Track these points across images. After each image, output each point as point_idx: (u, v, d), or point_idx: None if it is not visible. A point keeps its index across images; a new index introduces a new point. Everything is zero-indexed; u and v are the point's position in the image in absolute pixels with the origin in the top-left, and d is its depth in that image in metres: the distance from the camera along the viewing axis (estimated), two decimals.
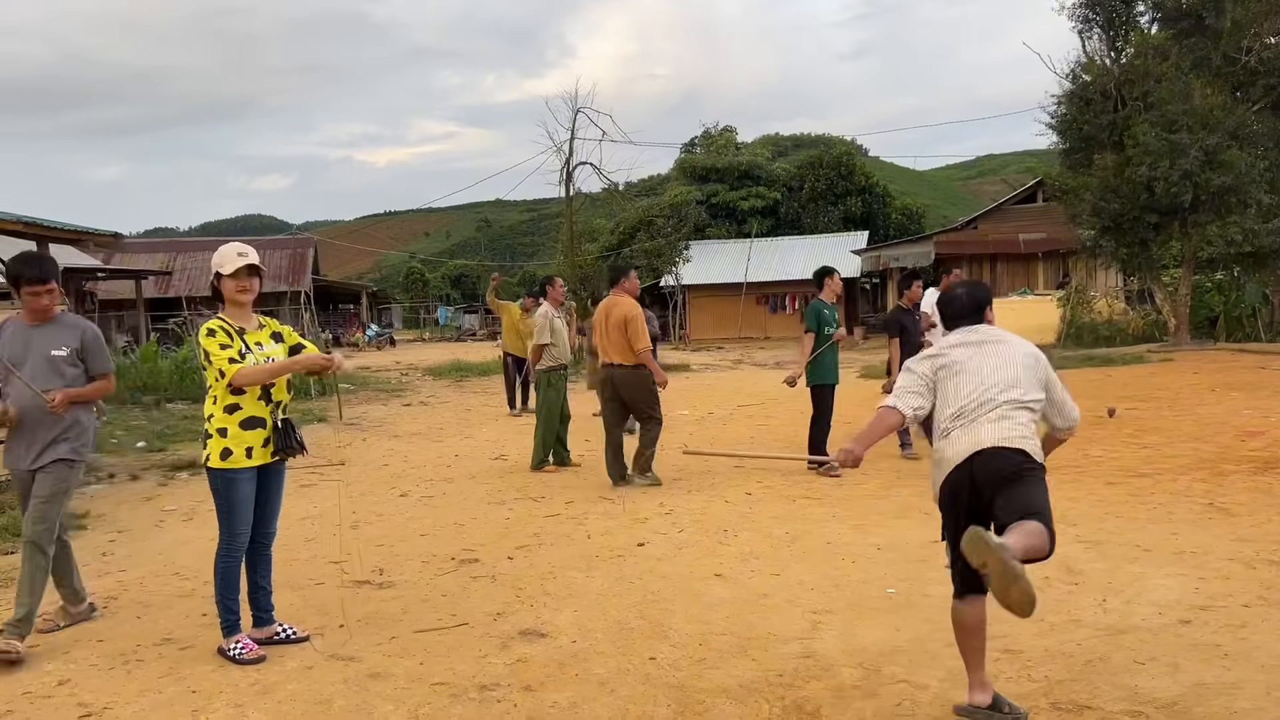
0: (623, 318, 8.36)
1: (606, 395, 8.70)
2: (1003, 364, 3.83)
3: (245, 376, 4.34)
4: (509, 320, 14.66)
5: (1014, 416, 3.71)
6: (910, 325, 9.42)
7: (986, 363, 3.85)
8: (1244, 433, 9.96)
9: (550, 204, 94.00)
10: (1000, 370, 3.81)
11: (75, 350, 4.69)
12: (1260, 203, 21.71)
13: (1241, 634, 4.35)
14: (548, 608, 5.06)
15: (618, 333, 8.38)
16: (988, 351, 3.88)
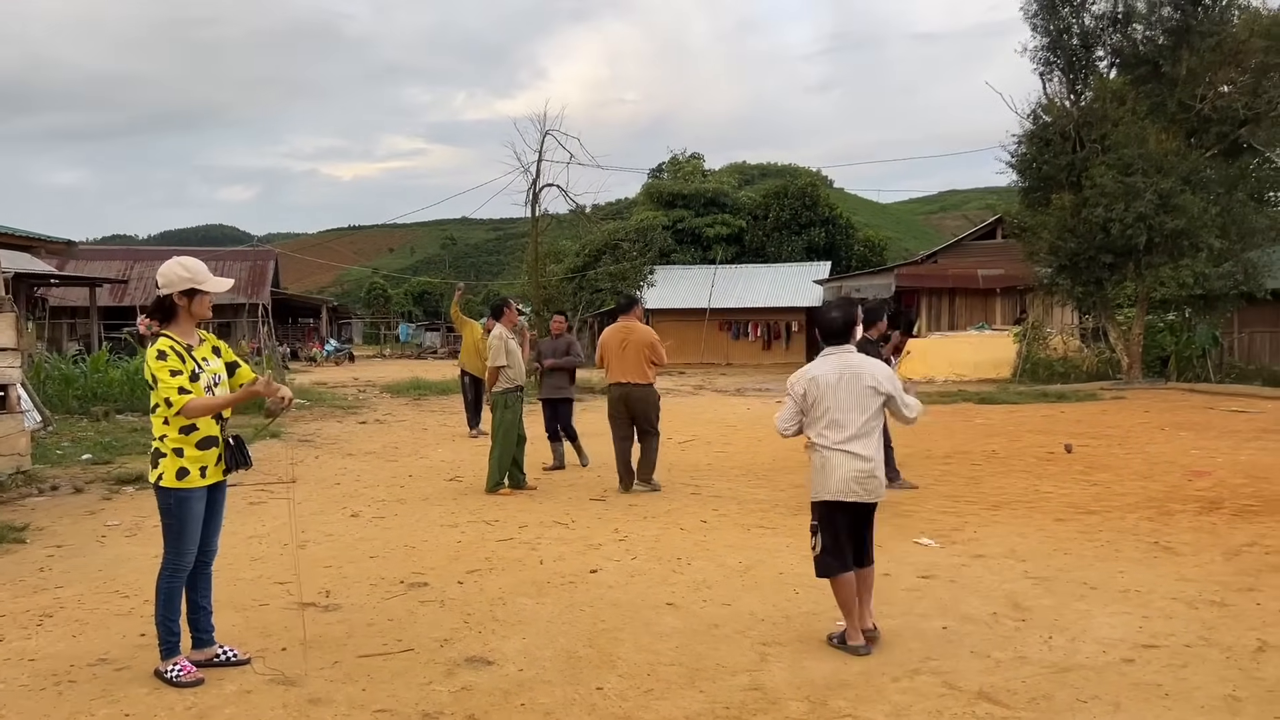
0: (648, 341, 9.41)
1: (619, 411, 9.48)
2: (857, 394, 4.90)
3: (194, 410, 4.26)
4: (470, 339, 14.57)
5: (868, 439, 4.92)
6: (876, 355, 9.48)
7: (847, 394, 4.90)
8: (1191, 473, 10.14)
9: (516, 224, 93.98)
10: (860, 403, 4.90)
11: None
12: (1211, 247, 22.23)
13: (1182, 674, 4.40)
14: (496, 635, 5.00)
15: (636, 354, 9.37)
16: (853, 385, 4.90)
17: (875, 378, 4.91)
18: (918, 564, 6.46)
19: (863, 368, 4.93)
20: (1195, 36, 23.03)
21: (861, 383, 4.88)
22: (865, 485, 4.86)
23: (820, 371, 4.93)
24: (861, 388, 4.87)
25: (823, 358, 5.01)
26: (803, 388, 4.95)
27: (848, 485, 4.83)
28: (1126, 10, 24.14)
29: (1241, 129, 23.77)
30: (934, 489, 9.40)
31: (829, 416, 4.86)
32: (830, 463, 4.84)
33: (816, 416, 4.90)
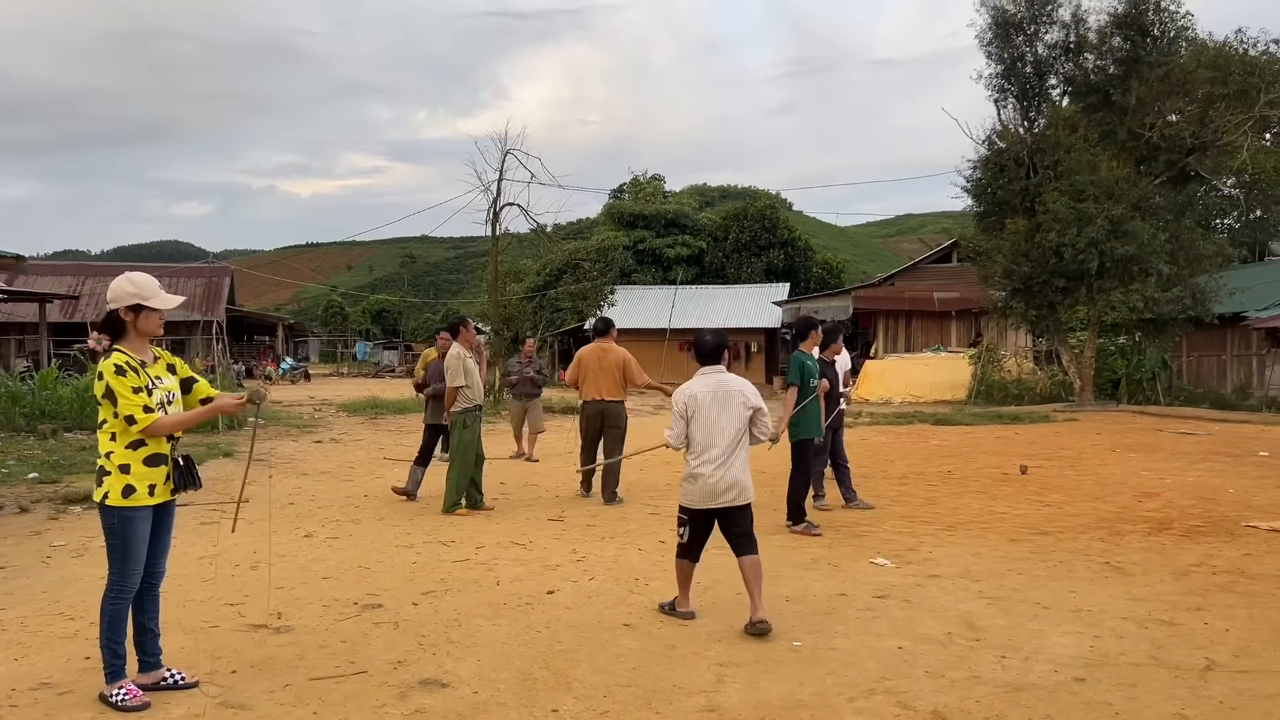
0: (622, 361, 10.09)
1: (594, 426, 10.11)
2: (729, 413, 5.59)
3: (161, 428, 4.20)
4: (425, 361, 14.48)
5: (735, 461, 5.54)
6: (831, 377, 9.53)
7: (717, 414, 5.59)
8: (1141, 494, 10.31)
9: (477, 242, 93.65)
10: (726, 420, 5.59)
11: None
12: (1161, 272, 22.72)
13: (1132, 693, 4.46)
14: (451, 656, 4.95)
15: (611, 373, 10.04)
16: (724, 402, 5.61)
17: (744, 394, 5.67)
18: (873, 584, 6.50)
19: (731, 385, 5.68)
20: (1144, 67, 23.59)
21: (732, 400, 5.63)
22: (727, 495, 5.56)
23: (698, 389, 5.67)
24: (733, 404, 5.62)
25: (699, 377, 5.77)
26: (684, 404, 5.67)
27: (712, 496, 5.56)
28: (1078, 40, 24.68)
29: (1189, 157, 24.37)
30: (890, 509, 9.47)
31: (703, 431, 5.58)
32: (699, 476, 5.57)
33: (694, 430, 5.61)
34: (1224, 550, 7.53)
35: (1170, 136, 24.00)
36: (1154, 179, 24.02)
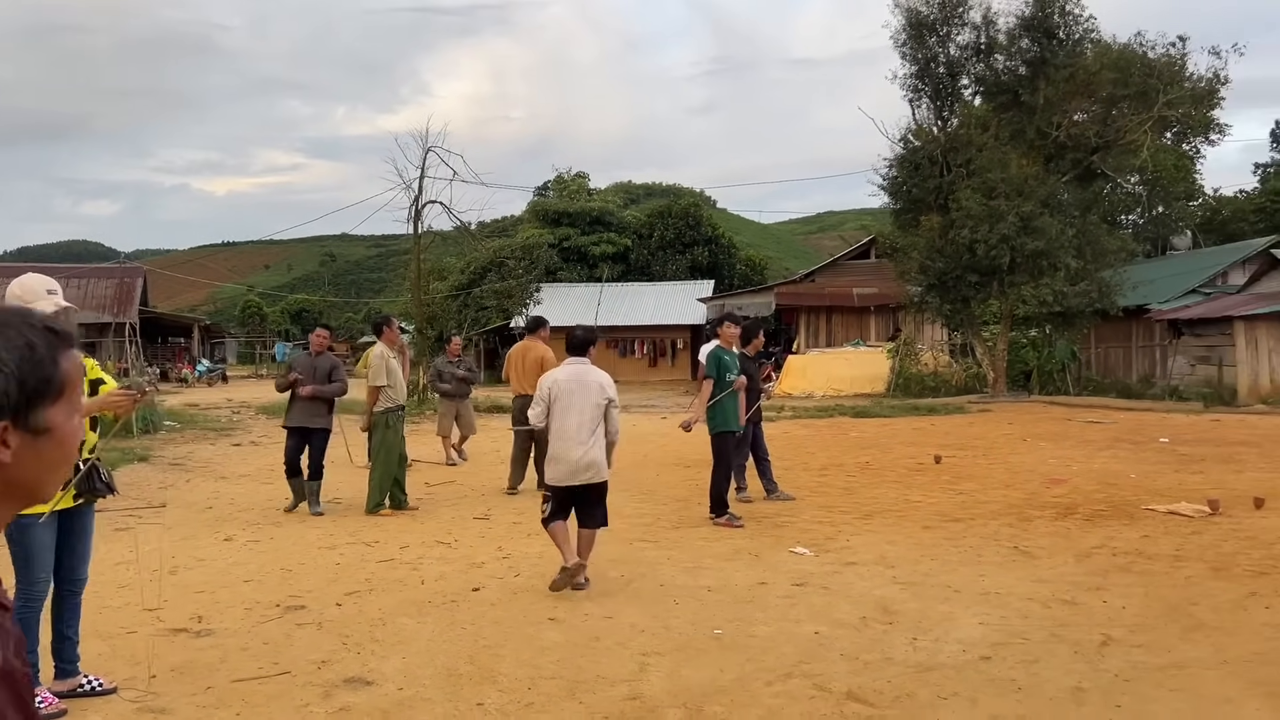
0: (540, 358, 10.31)
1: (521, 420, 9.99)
2: (585, 403, 6.21)
3: None
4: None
5: (591, 442, 6.16)
6: (753, 370, 9.74)
7: (575, 400, 6.22)
8: (1049, 481, 10.71)
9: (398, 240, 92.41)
10: (584, 408, 6.20)
11: None
12: (1069, 267, 23.55)
13: (1034, 669, 4.68)
14: (375, 655, 4.96)
15: (534, 369, 10.05)
16: (582, 391, 6.23)
17: (601, 387, 6.30)
18: (792, 572, 6.67)
19: (591, 377, 6.34)
20: (1051, 68, 24.41)
21: (590, 390, 6.27)
22: (586, 473, 6.21)
23: (562, 376, 6.38)
24: (591, 393, 6.25)
25: (565, 366, 6.48)
26: (547, 389, 6.35)
27: (572, 474, 6.20)
28: (988, 41, 25.41)
29: (1094, 155, 25.30)
30: (810, 500, 9.69)
31: (563, 415, 6.21)
32: (557, 456, 6.22)
33: (555, 414, 6.24)
34: (1124, 533, 7.89)
35: (1076, 135, 24.89)
36: (1061, 177, 24.88)
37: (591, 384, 6.29)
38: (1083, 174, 25.87)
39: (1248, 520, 8.27)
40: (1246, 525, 8.06)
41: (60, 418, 1.22)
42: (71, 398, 1.24)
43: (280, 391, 9.96)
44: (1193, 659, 4.80)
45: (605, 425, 6.30)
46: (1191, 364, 24.46)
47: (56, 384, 1.21)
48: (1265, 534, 7.69)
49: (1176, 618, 5.50)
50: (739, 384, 8.96)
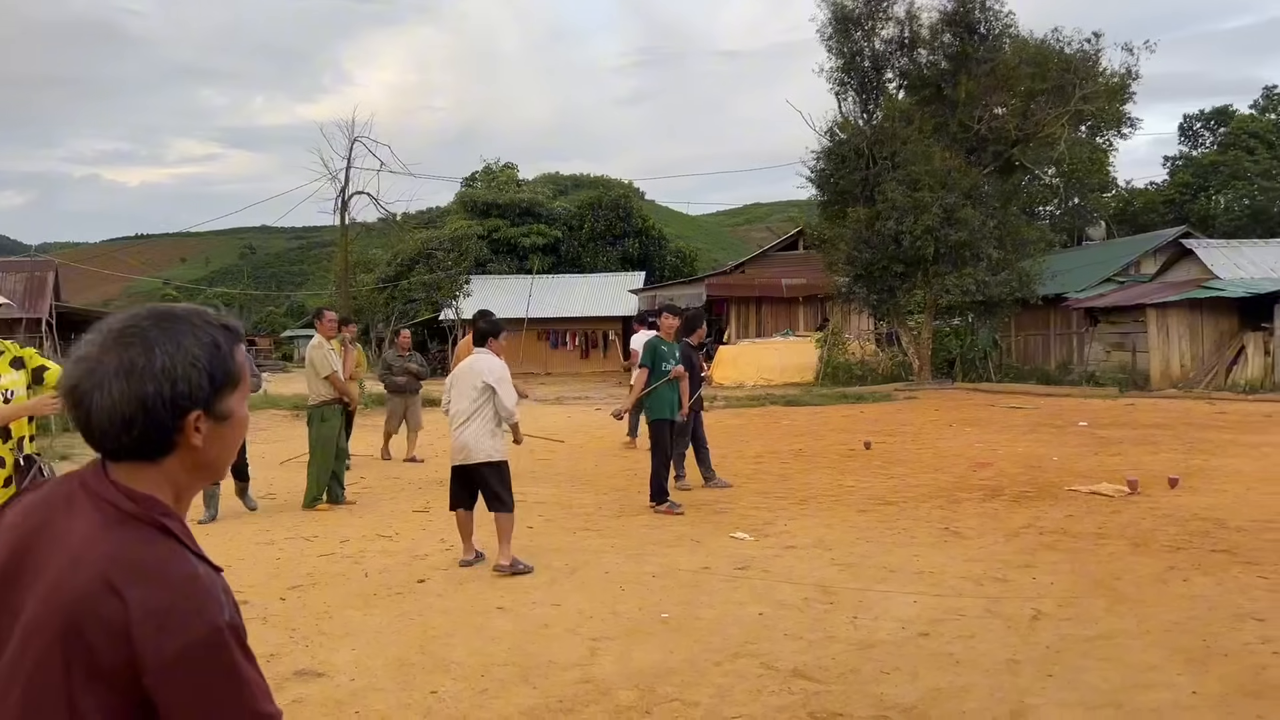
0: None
1: None
2: (466, 388, 6.67)
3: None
4: None
5: (467, 425, 6.59)
6: (695, 360, 9.88)
7: (460, 386, 6.73)
8: (976, 464, 11.05)
9: (321, 232, 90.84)
10: (464, 393, 6.67)
11: None
12: (990, 257, 24.19)
13: (971, 643, 4.87)
14: (324, 648, 4.95)
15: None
16: (466, 377, 6.71)
17: (483, 375, 6.62)
18: (734, 557, 6.80)
19: (477, 364, 6.71)
20: (972, 62, 25.02)
21: (475, 377, 6.65)
22: (459, 455, 6.68)
23: (459, 367, 6.93)
24: (473, 380, 6.65)
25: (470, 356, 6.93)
26: (449, 379, 6.98)
27: (455, 454, 6.71)
28: (912, 36, 25.94)
29: (1013, 148, 26.01)
30: (747, 487, 9.85)
31: (454, 401, 6.73)
32: (452, 439, 6.75)
33: (450, 400, 6.81)
34: (1049, 512, 8.20)
35: (996, 129, 25.57)
36: (983, 169, 25.52)
37: (475, 370, 6.68)
38: (1003, 166, 26.58)
39: (1164, 499, 8.65)
40: (1163, 504, 8.42)
41: (237, 404, 1.40)
42: (243, 387, 1.42)
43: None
44: (1118, 630, 5.04)
45: (496, 409, 6.62)
46: (1107, 350, 25.34)
47: (235, 375, 1.39)
48: (1180, 511, 8.05)
49: (1101, 592, 5.76)
50: (675, 373, 9.09)
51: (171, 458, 1.36)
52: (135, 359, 1.31)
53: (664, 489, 8.73)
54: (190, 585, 1.27)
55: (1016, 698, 4.14)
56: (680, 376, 9.17)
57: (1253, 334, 22.23)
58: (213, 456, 1.40)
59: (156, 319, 1.36)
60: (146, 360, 1.31)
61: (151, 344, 1.33)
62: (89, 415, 1.32)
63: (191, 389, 1.33)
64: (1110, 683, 4.30)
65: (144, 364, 1.31)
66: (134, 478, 1.34)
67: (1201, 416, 16.11)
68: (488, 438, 6.62)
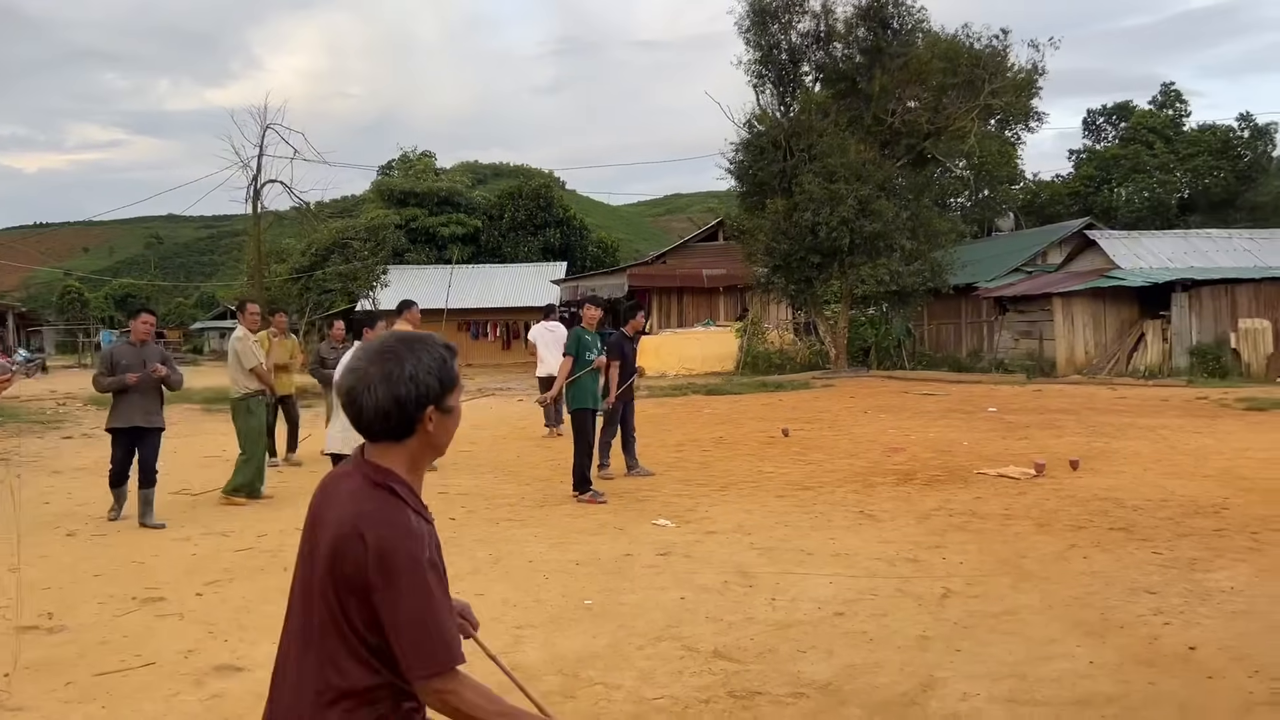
0: None
1: None
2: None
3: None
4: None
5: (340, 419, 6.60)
6: (628, 349, 9.94)
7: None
8: (889, 449, 11.35)
9: (232, 221, 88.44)
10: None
11: None
12: (904, 247, 24.77)
13: (883, 621, 5.04)
14: (244, 642, 4.90)
15: None
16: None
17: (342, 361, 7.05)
18: (656, 543, 6.90)
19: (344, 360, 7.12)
20: (886, 57, 25.53)
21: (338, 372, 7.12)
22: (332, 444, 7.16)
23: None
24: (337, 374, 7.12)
25: None
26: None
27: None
28: (828, 30, 26.35)
29: (926, 141, 26.63)
30: (669, 475, 9.98)
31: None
32: None
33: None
34: (959, 495, 8.49)
35: (909, 122, 26.15)
36: (896, 162, 26.09)
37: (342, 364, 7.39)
38: (915, 159, 27.20)
39: (1066, 480, 9.02)
40: (1066, 485, 8.79)
41: (456, 401, 2.01)
42: (459, 389, 2.01)
43: (105, 391, 8.26)
44: (1022, 605, 5.27)
45: None
46: (1015, 338, 26.16)
47: (456, 380, 2.00)
48: (1081, 492, 8.41)
49: (1007, 570, 6.00)
50: (598, 363, 9.19)
51: (412, 439, 1.96)
52: (392, 369, 1.91)
53: (586, 478, 8.80)
54: (404, 530, 1.86)
55: (926, 672, 4.31)
56: (602, 367, 9.28)
57: (1152, 322, 23.20)
58: (439, 438, 2.00)
59: (404, 341, 1.97)
60: (399, 371, 1.91)
61: (402, 359, 1.93)
62: (360, 411, 1.93)
63: (429, 390, 1.93)
64: (1014, 655, 4.51)
65: (398, 373, 1.91)
66: (384, 454, 1.96)
67: (1103, 401, 16.78)
68: (340, 429, 6.94)
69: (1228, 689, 4.04)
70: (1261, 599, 5.24)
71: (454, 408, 2.00)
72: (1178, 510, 7.59)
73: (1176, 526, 7.04)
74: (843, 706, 3.98)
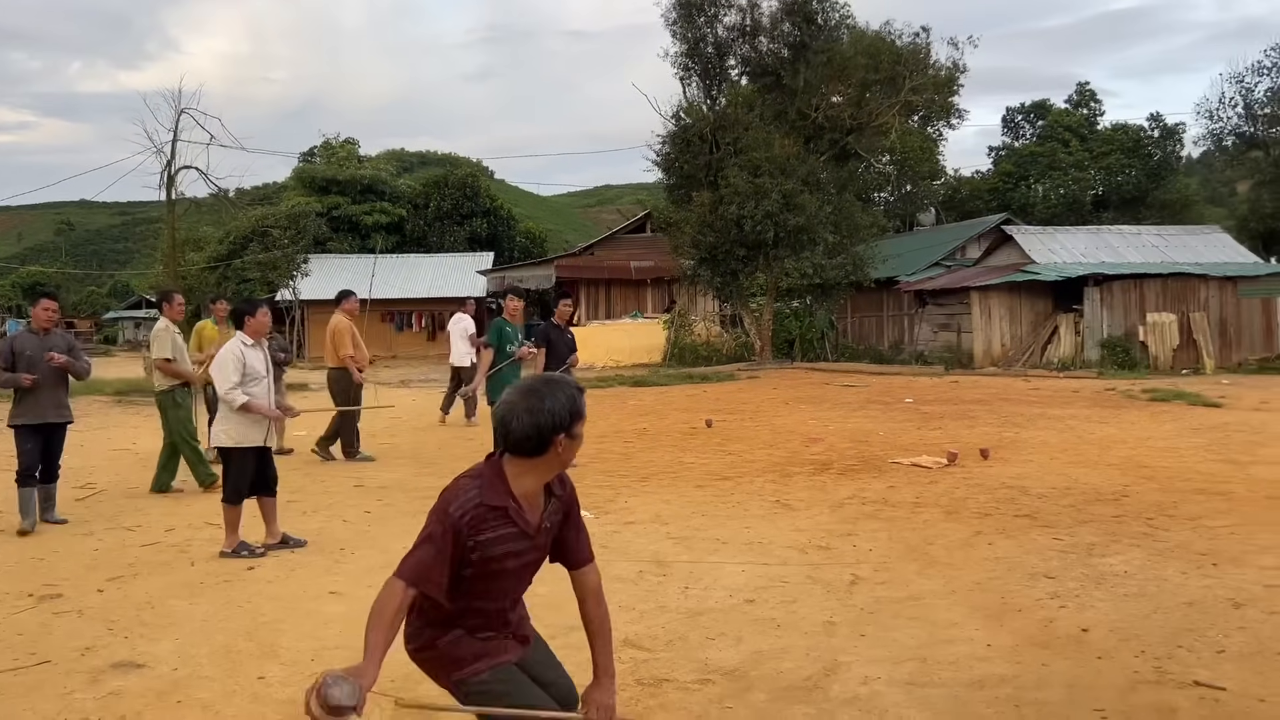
0: (331, 330, 11.11)
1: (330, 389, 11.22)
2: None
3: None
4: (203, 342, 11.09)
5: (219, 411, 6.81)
6: (556, 337, 9.84)
7: None
8: (808, 440, 11.53)
9: (147, 207, 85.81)
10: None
11: None
12: (826, 241, 25.12)
13: (792, 608, 5.13)
14: (145, 638, 4.78)
15: (326, 341, 11.20)
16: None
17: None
18: None
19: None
20: (810, 52, 25.82)
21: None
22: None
23: None
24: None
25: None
26: None
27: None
28: (754, 24, 26.55)
29: (849, 136, 27.01)
30: (591, 466, 9.97)
31: None
32: None
33: None
34: (873, 484, 8.66)
35: (833, 117, 26.51)
36: (820, 156, 26.42)
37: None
38: (839, 154, 27.58)
39: (977, 469, 9.27)
40: (976, 474, 9.02)
41: (581, 429, 2.61)
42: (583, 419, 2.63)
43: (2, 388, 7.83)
44: (927, 591, 5.41)
45: None
46: (935, 331, 26.74)
47: (582, 413, 2.62)
48: (990, 481, 8.65)
49: (915, 557, 6.15)
50: (519, 354, 9.17)
51: (542, 458, 2.59)
52: (535, 404, 2.54)
53: None
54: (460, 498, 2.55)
55: (831, 656, 4.40)
56: (526, 357, 9.27)
57: (1065, 315, 23.90)
58: (566, 460, 2.63)
59: (546, 382, 2.61)
60: (540, 404, 2.54)
61: (543, 396, 2.56)
62: (509, 433, 2.55)
63: (561, 421, 2.55)
64: (916, 639, 4.62)
65: (539, 407, 2.53)
66: (518, 466, 2.60)
67: (1017, 393, 17.25)
68: (218, 423, 6.81)
69: (1115, 668, 4.20)
70: (1152, 582, 5.46)
71: (579, 435, 2.60)
72: (1080, 498, 7.85)
73: (1078, 513, 7.29)
74: (748, 692, 4.04)
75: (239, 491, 6.66)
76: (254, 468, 6.77)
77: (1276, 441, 10.72)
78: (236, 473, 6.70)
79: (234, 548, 6.54)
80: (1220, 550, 6.12)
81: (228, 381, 6.59)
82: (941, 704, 3.88)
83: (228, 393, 6.58)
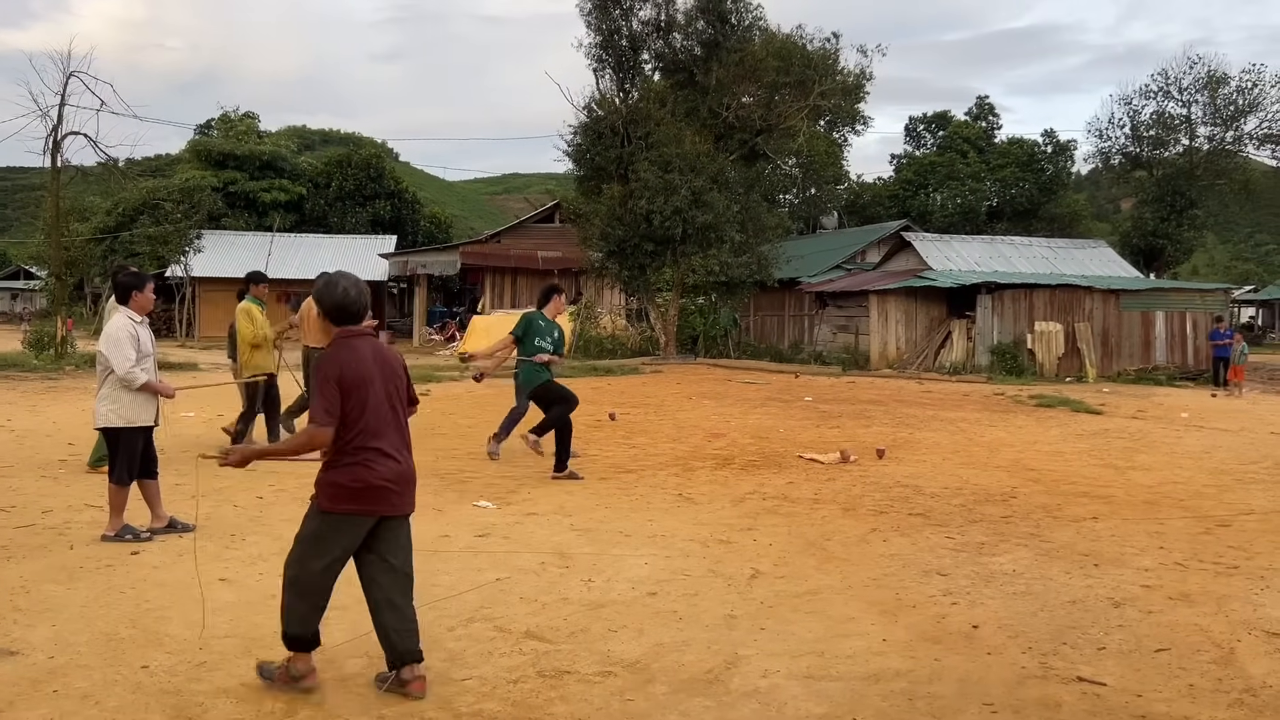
0: (303, 313, 10.81)
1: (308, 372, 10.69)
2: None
3: None
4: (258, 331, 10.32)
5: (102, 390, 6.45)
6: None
7: None
8: (710, 435, 11.63)
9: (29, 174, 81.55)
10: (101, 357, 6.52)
11: None
12: (733, 240, 25.38)
13: (694, 601, 5.16)
14: (19, 625, 4.54)
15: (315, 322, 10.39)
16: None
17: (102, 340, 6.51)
18: (476, 525, 6.83)
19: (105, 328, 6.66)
20: (723, 51, 26.02)
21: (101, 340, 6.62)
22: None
23: None
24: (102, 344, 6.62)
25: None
26: None
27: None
28: (668, 19, 26.62)
29: (758, 137, 27.33)
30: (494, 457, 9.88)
31: None
32: None
33: None
34: (773, 480, 8.78)
35: (743, 117, 26.79)
36: (729, 155, 26.69)
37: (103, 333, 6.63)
38: (748, 154, 27.89)
39: (873, 468, 9.48)
40: (872, 472, 9.23)
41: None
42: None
43: None
44: (825, 586, 5.50)
45: None
46: (834, 332, 27.29)
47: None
48: (885, 479, 8.86)
49: (813, 552, 6.26)
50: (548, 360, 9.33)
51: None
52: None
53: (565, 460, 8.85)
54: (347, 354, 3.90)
55: (731, 649, 4.44)
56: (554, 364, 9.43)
57: (958, 321, 24.66)
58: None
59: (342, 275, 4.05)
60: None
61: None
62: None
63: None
64: (814, 633, 4.70)
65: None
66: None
67: (911, 395, 17.73)
68: (103, 402, 6.45)
69: (1003, 664, 4.34)
70: (1038, 581, 5.66)
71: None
72: (971, 498, 8.10)
73: (969, 513, 7.51)
74: (649, 684, 4.04)
75: (130, 472, 6.43)
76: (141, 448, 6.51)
77: (1153, 448, 11.25)
78: (128, 453, 6.43)
79: (117, 531, 6.27)
80: (1101, 551, 6.38)
81: (127, 360, 6.31)
82: (839, 697, 3.95)
83: (128, 372, 6.30)
